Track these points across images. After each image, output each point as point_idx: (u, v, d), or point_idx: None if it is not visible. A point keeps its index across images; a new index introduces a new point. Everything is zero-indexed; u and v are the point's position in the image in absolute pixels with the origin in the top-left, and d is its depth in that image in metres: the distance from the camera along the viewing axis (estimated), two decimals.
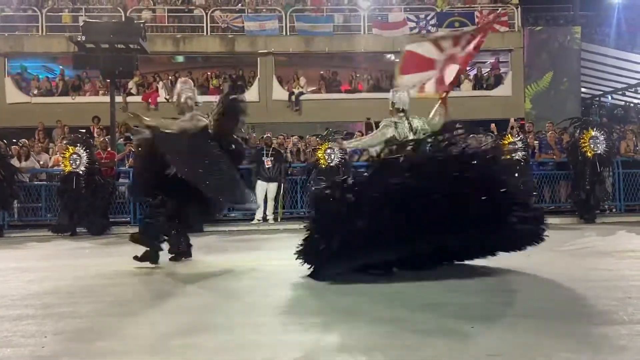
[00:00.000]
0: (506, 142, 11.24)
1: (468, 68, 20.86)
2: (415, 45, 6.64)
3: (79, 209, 10.77)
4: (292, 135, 14.67)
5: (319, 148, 11.59)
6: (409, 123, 6.07)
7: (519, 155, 11.10)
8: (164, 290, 5.31)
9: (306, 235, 5.45)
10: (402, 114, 6.12)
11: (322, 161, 11.24)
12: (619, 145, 12.75)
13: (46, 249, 9.19)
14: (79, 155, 10.86)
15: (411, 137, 5.83)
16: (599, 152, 11.24)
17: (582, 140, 11.33)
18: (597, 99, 26.71)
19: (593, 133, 11.30)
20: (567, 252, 7.40)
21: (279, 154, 12.02)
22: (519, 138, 11.71)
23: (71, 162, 10.82)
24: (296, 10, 20.02)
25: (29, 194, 12.02)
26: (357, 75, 20.14)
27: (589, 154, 11.21)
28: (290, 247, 7.24)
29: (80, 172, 10.78)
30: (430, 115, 6.19)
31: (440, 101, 6.35)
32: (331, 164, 11.17)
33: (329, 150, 11.29)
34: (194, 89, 6.73)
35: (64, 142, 11.82)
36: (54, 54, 19.80)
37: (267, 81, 19.39)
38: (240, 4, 20.54)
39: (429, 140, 5.37)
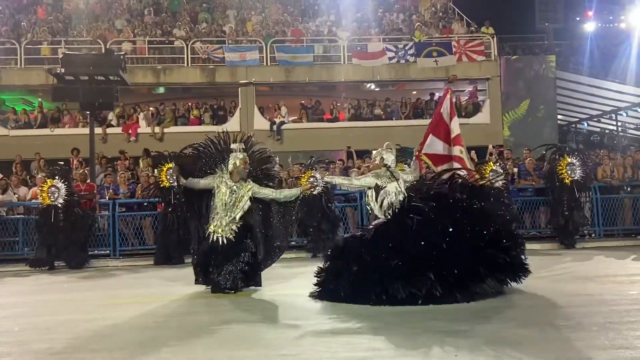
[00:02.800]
0: (488, 169, 11.31)
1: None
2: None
3: (58, 242, 10.59)
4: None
5: (302, 176, 11.59)
6: (392, 175, 6.77)
7: (499, 183, 11.19)
8: (142, 325, 5.22)
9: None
10: (386, 169, 6.79)
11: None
12: (596, 171, 12.95)
13: (23, 284, 9.00)
14: (57, 188, 10.72)
15: (395, 185, 6.67)
16: (576, 178, 11.41)
17: (559, 167, 11.51)
18: (573, 125, 27.21)
19: (569, 160, 11.49)
20: (548, 277, 7.43)
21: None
22: (501, 165, 11.77)
23: (49, 194, 10.66)
24: (276, 41, 20.20)
25: (6, 228, 11.78)
26: (338, 104, 20.31)
27: (567, 181, 11.39)
28: (272, 278, 7.18)
29: (59, 205, 10.64)
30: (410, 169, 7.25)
31: (415, 157, 7.33)
32: (314, 192, 11.17)
33: (312, 179, 11.29)
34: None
35: (42, 174, 11.66)
36: (33, 86, 19.65)
37: (248, 111, 19.45)
38: (220, 35, 20.70)
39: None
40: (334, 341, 4.23)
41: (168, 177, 10.68)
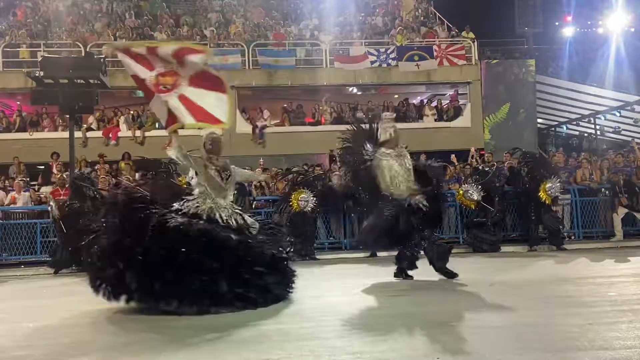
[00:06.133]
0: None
1: (426, 100, 21.32)
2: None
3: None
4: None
5: (291, 192, 11.51)
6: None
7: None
8: (122, 330, 5.16)
9: None
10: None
11: (295, 206, 11.31)
12: (575, 174, 13.11)
13: (0, 290, 8.87)
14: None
15: None
16: (556, 195, 11.42)
17: (540, 192, 11.28)
18: (553, 129, 27.54)
19: (549, 184, 11.26)
20: (528, 279, 7.50)
21: (242, 188, 11.94)
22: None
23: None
24: (259, 45, 20.18)
25: None
26: (320, 107, 20.32)
27: (547, 202, 11.29)
28: None
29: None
30: None
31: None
32: (305, 210, 11.27)
33: (302, 197, 11.32)
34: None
35: (20, 178, 11.45)
36: (11, 89, 19.40)
37: (230, 115, 19.37)
38: (202, 39, 20.58)
39: None
40: (318, 344, 4.22)
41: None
